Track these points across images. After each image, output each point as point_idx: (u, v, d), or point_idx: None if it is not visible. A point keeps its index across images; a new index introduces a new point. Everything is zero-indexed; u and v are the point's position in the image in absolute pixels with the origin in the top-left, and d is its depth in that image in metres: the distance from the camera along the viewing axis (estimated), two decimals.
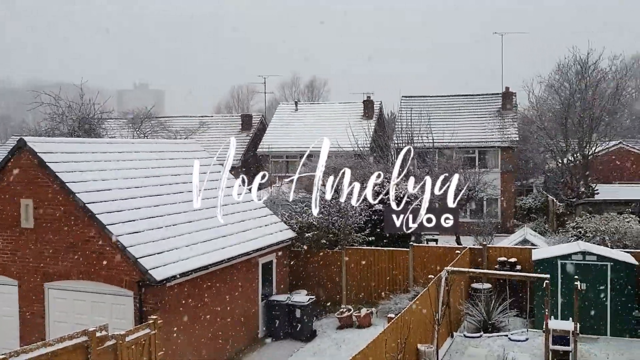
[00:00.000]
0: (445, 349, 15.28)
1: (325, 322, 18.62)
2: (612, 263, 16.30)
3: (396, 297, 18.19)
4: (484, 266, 18.73)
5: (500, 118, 36.78)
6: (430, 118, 33.47)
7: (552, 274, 16.18)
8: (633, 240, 19.96)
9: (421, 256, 19.08)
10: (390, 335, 11.13)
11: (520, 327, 16.85)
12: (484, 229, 25.96)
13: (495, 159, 35.02)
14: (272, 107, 60.34)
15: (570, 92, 30.69)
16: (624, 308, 16.21)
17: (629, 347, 15.47)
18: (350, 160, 28.37)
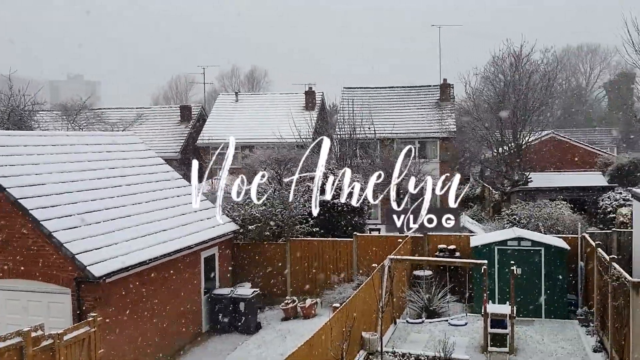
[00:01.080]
0: (388, 335, 15.55)
1: (270, 314, 18.59)
2: (545, 248, 16.96)
3: (340, 286, 18.35)
4: (425, 254, 19.15)
5: (438, 109, 37.56)
6: (372, 109, 33.81)
7: (490, 260, 16.73)
8: (565, 225, 20.85)
9: (365, 246, 19.31)
10: (335, 325, 11.21)
11: (460, 312, 17.34)
12: None
13: (434, 149, 35.76)
14: (212, 98, 59.45)
15: (504, 83, 31.64)
16: (557, 291, 16.93)
17: (563, 328, 16.19)
18: (293, 151, 28.33)
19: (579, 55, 71.37)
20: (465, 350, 14.52)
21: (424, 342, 15.24)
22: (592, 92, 70.24)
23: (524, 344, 14.91)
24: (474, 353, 14.39)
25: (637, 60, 29.10)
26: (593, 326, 15.63)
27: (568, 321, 16.72)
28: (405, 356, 13.29)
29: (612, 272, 13.26)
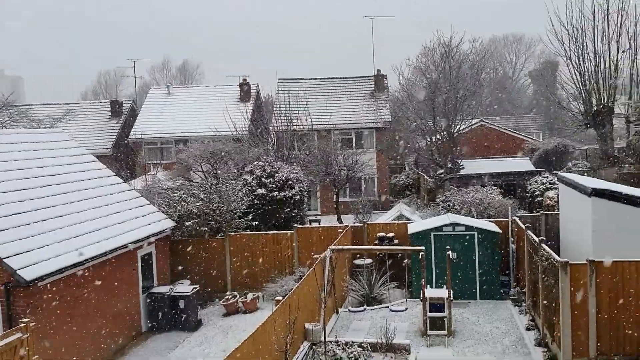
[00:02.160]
0: (331, 325, 15.70)
1: (211, 310, 18.39)
2: (478, 232, 17.54)
3: (282, 279, 18.36)
4: (365, 243, 19.43)
5: (373, 100, 38.05)
6: (308, 100, 33.83)
7: (427, 246, 17.16)
8: (496, 210, 21.61)
9: (305, 238, 19.38)
10: (278, 318, 11.21)
11: (400, 298, 17.71)
12: (363, 207, 26.86)
13: (370, 139, 36.25)
14: (143, 92, 57.86)
15: (436, 73, 32.37)
16: (490, 274, 17.56)
17: (497, 308, 16.82)
18: (229, 144, 28.02)
19: (505, 45, 73.94)
20: (406, 335, 14.86)
21: (366, 329, 15.49)
22: (518, 80, 72.98)
23: (462, 326, 15.40)
24: (414, 337, 14.75)
25: (559, 49, 30.42)
26: (525, 305, 16.32)
27: (502, 302, 17.37)
28: (348, 344, 13.44)
29: (541, 253, 13.88)
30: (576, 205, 15.66)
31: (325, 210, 33.86)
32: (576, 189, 15.57)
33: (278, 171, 22.56)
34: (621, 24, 28.68)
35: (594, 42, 29.13)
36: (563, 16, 30.87)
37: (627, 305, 12.02)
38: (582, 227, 14.97)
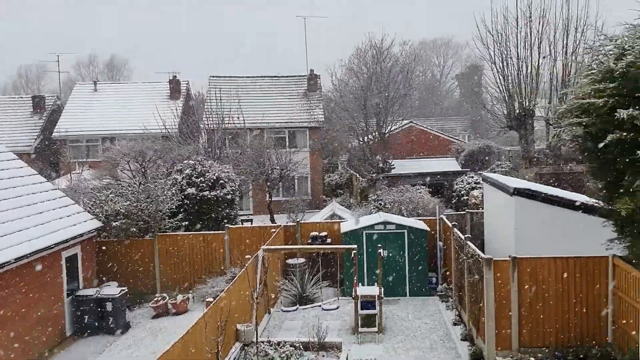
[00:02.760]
0: (263, 325, 15.64)
1: (140, 312, 17.91)
2: (408, 230, 17.95)
3: (213, 280, 18.11)
4: (298, 242, 19.46)
5: (306, 99, 38.19)
6: (240, 99, 33.55)
7: (359, 244, 17.40)
8: (425, 209, 22.17)
9: (237, 238, 19.20)
10: (209, 319, 11.06)
11: (333, 297, 17.85)
12: (296, 206, 26.91)
13: (304, 138, 36.37)
14: (68, 88, 55.56)
15: (367, 75, 32.87)
16: (419, 271, 18.00)
17: (425, 305, 17.27)
18: (158, 142, 27.37)
19: (434, 49, 76.02)
20: (338, 333, 15.01)
21: (298, 328, 15.52)
22: (445, 83, 75.19)
23: (392, 323, 15.71)
24: (345, 335, 14.92)
25: (485, 53, 31.55)
26: (452, 301, 16.84)
27: (430, 298, 17.85)
28: (281, 344, 13.43)
29: (467, 250, 14.36)
30: (499, 204, 16.31)
31: (258, 210, 33.69)
32: (499, 188, 16.22)
33: (209, 170, 22.23)
34: (542, 31, 30.08)
35: (517, 48, 30.38)
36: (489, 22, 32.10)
37: (546, 299, 12.63)
38: (505, 224, 15.59)
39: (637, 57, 9.76)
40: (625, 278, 11.68)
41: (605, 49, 10.95)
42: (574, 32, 29.54)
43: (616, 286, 12.12)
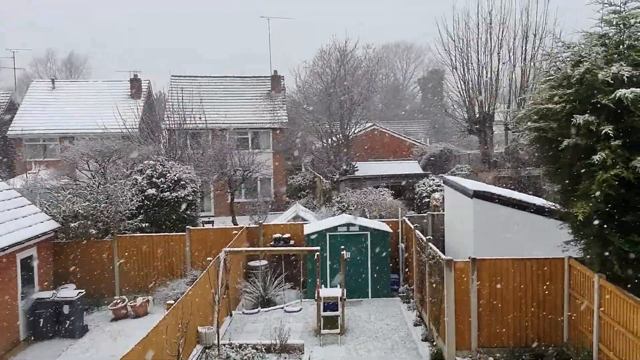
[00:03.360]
0: (225, 327, 15.51)
1: (98, 315, 17.54)
2: (371, 232, 18.07)
3: (174, 282, 17.87)
4: (261, 244, 19.37)
5: (270, 100, 38.09)
6: (203, 99, 33.23)
7: (322, 246, 17.43)
8: (387, 210, 22.37)
9: (199, 239, 18.99)
10: (170, 321, 10.91)
11: (295, 299, 17.81)
12: (259, 208, 26.77)
13: (267, 139, 36.25)
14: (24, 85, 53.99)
15: (331, 77, 33.00)
16: (382, 272, 18.14)
17: (387, 306, 17.40)
18: (118, 142, 26.86)
19: (397, 53, 76.76)
20: (300, 335, 14.99)
21: (260, 331, 15.45)
22: (408, 87, 76.00)
23: (354, 324, 15.78)
24: (308, 337, 14.91)
25: (446, 58, 32.07)
26: (413, 302, 17.02)
27: (391, 299, 18.00)
28: (242, 346, 13.34)
29: (428, 252, 14.55)
30: (459, 206, 16.58)
31: (220, 211, 33.41)
32: (459, 191, 16.49)
33: (170, 171, 21.93)
34: (502, 37, 30.76)
35: (477, 53, 31.03)
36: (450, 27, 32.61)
37: (504, 300, 12.89)
38: (464, 226, 15.86)
39: (593, 64, 10.05)
40: (580, 279, 12.01)
41: (563, 55, 11.26)
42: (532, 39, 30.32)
43: (572, 287, 12.46)
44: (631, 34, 10.31)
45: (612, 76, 9.62)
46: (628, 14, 10.38)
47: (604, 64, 10.02)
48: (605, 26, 10.65)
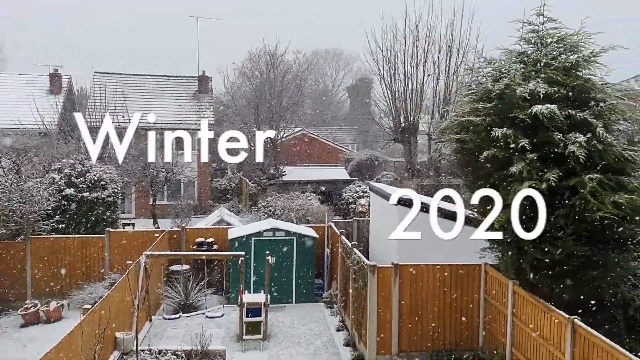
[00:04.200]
0: (144, 333, 15.06)
1: (7, 320, 16.57)
2: (297, 237, 18.08)
3: (91, 286, 17.17)
4: (183, 248, 18.96)
5: (197, 101, 37.47)
6: (127, 97, 32.25)
7: (247, 251, 17.27)
8: (314, 215, 22.49)
9: (119, 242, 18.35)
10: (86, 327, 10.47)
11: (218, 304, 17.57)
12: (182, 211, 26.23)
13: (192, 141, 35.57)
14: None
15: (261, 80, 32.90)
16: (306, 277, 18.19)
17: (311, 311, 17.46)
18: (35, 139, 25.58)
19: (326, 59, 77.54)
20: (222, 341, 14.77)
21: (180, 336, 15.10)
22: (337, 94, 76.93)
23: (277, 330, 15.72)
24: (230, 343, 14.72)
25: (374, 67, 32.70)
26: (337, 307, 17.17)
27: (315, 304, 18.07)
28: (162, 352, 12.99)
29: (353, 257, 14.73)
30: (384, 213, 16.90)
31: (141, 213, 32.47)
32: (384, 197, 16.81)
33: (90, 170, 21.10)
34: (428, 50, 31.72)
35: (404, 65, 31.83)
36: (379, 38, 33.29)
37: (424, 305, 13.24)
38: (389, 232, 16.17)
39: (512, 80, 10.54)
40: (495, 285, 12.53)
41: (485, 70, 11.74)
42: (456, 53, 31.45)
43: (487, 293, 12.97)
44: (548, 52, 10.89)
45: (529, 92, 10.11)
46: (545, 33, 10.97)
47: (522, 80, 10.52)
48: (525, 44, 11.20)
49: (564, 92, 10.30)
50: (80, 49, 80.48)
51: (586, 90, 10.55)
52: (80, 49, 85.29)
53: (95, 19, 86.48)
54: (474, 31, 38.55)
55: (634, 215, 9.88)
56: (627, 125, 10.61)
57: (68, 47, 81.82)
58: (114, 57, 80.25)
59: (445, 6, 51.44)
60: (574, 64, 10.55)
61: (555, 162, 10.10)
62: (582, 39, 10.69)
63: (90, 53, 78.54)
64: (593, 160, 9.91)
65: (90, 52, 76.46)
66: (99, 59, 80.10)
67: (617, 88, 10.75)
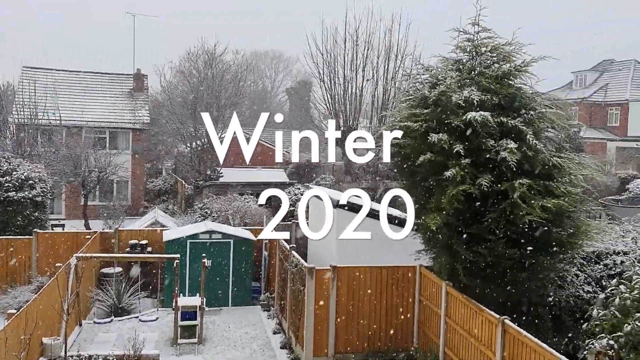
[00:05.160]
0: (73, 338, 14.51)
1: None
2: (234, 240, 17.90)
3: (16, 290, 16.39)
4: (116, 250, 18.40)
5: (131, 99, 36.51)
6: (58, 93, 31.07)
7: (182, 253, 16.93)
8: (252, 218, 22.33)
9: (47, 244, 17.62)
10: (11, 333, 9.97)
11: (151, 308, 17.15)
12: (115, 212, 25.47)
13: (126, 140, 34.66)
14: None
15: (199, 80, 32.40)
16: (243, 280, 18.03)
17: (247, 314, 17.31)
18: None
19: (266, 61, 77.29)
20: (155, 345, 14.42)
21: (112, 341, 14.64)
22: (276, 95, 76.81)
23: (213, 333, 15.50)
24: (164, 347, 14.39)
25: (315, 70, 32.88)
26: (273, 310, 17.11)
27: (252, 307, 17.92)
28: (92, 358, 12.56)
29: (291, 260, 14.72)
30: (323, 216, 16.93)
31: (71, 214, 31.31)
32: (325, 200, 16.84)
33: (17, 169, 20.17)
34: (367, 55, 32.18)
35: (344, 69, 32.17)
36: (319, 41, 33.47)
37: (361, 307, 13.39)
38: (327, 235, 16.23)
39: (448, 87, 10.83)
40: (429, 286, 12.82)
41: (422, 77, 12.02)
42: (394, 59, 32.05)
43: (422, 294, 13.25)
44: (482, 61, 11.27)
45: (464, 99, 10.43)
46: (480, 42, 11.35)
47: (457, 87, 10.83)
48: (460, 53, 11.54)
49: (496, 100, 10.69)
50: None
51: (517, 98, 10.98)
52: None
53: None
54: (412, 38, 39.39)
55: (560, 220, 10.35)
56: (554, 133, 11.11)
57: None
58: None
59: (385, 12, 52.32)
60: (506, 73, 10.97)
61: (488, 168, 10.46)
62: (514, 48, 11.13)
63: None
64: (523, 166, 10.32)
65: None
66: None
67: (546, 97, 11.27)
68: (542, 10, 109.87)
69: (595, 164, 11.60)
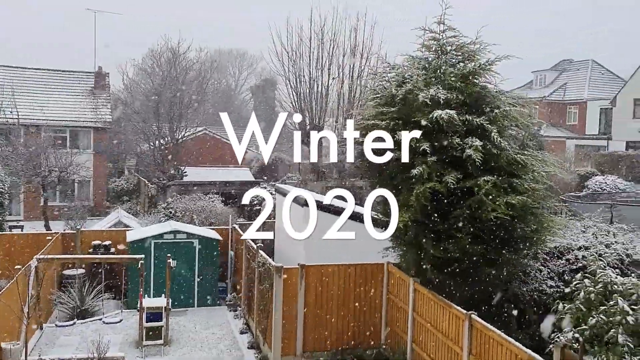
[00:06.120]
0: (33, 342, 14.13)
1: None
2: (199, 240, 17.68)
3: None
4: (78, 251, 17.99)
5: (93, 97, 35.77)
6: (15, 91, 30.22)
7: (147, 254, 16.65)
8: (217, 217, 22.11)
9: (6, 245, 17.12)
10: None
11: (116, 309, 16.83)
12: (76, 213, 24.88)
13: (87, 139, 33.95)
14: None
15: (162, 78, 31.90)
16: (209, 281, 17.83)
17: (213, 315, 17.12)
18: None
19: (229, 59, 76.62)
20: (120, 347, 14.17)
21: (75, 344, 14.32)
22: (240, 93, 76.25)
23: (179, 334, 15.30)
24: (129, 349, 14.15)
25: (279, 69, 32.70)
26: (240, 310, 16.98)
27: (219, 308, 17.75)
28: None
29: (259, 259, 14.62)
30: (291, 214, 16.88)
31: (30, 215, 30.46)
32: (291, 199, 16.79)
33: None
34: (332, 53, 32.15)
35: (309, 67, 32.06)
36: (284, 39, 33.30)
37: (330, 305, 13.39)
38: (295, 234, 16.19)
39: (414, 85, 10.90)
40: (397, 283, 12.91)
41: (389, 75, 12.06)
42: (360, 58, 32.13)
43: (390, 291, 13.33)
44: (447, 60, 11.38)
45: (430, 98, 10.50)
46: (445, 41, 11.45)
47: (424, 86, 10.90)
48: (426, 51, 11.63)
49: (462, 98, 10.80)
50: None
51: (482, 97, 11.13)
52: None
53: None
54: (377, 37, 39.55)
55: (525, 216, 10.53)
56: (518, 130, 11.30)
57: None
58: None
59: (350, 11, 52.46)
60: (471, 71, 11.09)
61: (454, 165, 10.56)
62: (479, 48, 11.27)
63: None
64: (488, 164, 10.46)
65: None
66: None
67: (510, 95, 11.45)
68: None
69: (556, 161, 11.85)
